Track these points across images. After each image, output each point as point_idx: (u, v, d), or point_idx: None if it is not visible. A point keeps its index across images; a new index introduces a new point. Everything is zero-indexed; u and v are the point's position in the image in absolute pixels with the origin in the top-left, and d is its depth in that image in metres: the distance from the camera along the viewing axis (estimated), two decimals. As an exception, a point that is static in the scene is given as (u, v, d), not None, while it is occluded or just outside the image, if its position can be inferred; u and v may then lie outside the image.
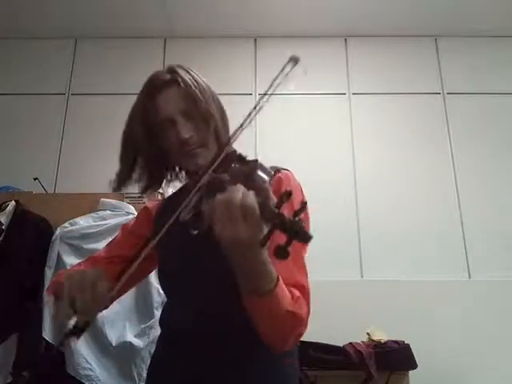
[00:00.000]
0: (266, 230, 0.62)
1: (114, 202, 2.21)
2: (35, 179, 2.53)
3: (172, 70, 1.01)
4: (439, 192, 3.01)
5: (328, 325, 2.43)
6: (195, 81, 0.99)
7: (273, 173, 0.78)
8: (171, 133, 0.93)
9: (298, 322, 0.77)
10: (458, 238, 2.90)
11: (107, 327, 1.94)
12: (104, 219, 2.15)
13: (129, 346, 1.92)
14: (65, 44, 3.42)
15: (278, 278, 0.73)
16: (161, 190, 2.42)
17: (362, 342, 2.34)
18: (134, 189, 2.67)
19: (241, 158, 0.80)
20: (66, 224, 2.12)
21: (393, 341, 2.32)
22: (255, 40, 3.41)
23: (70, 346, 1.89)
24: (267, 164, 0.77)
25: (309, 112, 3.19)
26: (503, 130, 3.15)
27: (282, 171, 0.99)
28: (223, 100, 1.10)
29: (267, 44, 3.39)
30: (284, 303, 0.74)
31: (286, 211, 0.62)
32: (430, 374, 2.40)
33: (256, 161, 0.76)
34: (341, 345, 2.28)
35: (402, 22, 3.25)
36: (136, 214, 2.17)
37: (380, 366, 2.18)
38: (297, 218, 0.60)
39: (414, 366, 2.23)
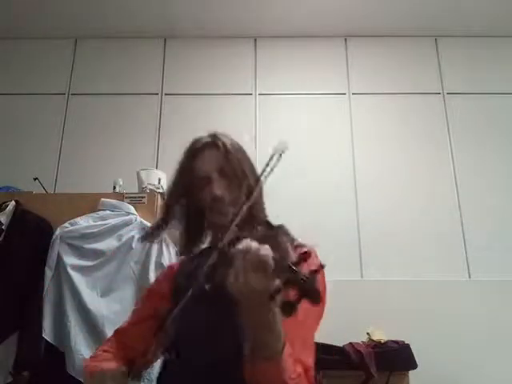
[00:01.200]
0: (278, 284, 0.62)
1: (114, 201, 2.20)
2: (35, 179, 2.52)
3: (213, 135, 1.04)
4: (439, 192, 3.01)
5: (328, 325, 2.43)
6: (232, 144, 1.03)
7: (295, 240, 0.79)
8: (206, 191, 0.97)
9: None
10: (458, 238, 2.90)
11: (107, 327, 1.94)
12: (104, 219, 2.15)
13: (129, 346, 1.92)
14: (65, 44, 3.42)
15: (285, 343, 0.72)
16: (161, 190, 2.42)
17: (362, 341, 2.34)
18: (133, 189, 2.66)
19: (267, 223, 0.81)
20: (66, 224, 2.12)
21: (393, 341, 2.32)
22: (255, 40, 3.41)
23: (70, 346, 1.90)
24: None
25: (309, 112, 3.19)
26: (503, 129, 3.15)
27: (308, 247, 0.95)
28: (223, 100, 1.12)
29: (267, 44, 3.39)
30: (285, 376, 0.73)
31: (302, 270, 0.61)
32: (429, 373, 2.40)
33: (281, 226, 0.76)
34: (341, 345, 2.28)
35: (402, 22, 3.25)
36: (136, 213, 2.18)
37: (380, 366, 2.18)
38: (311, 277, 0.59)
39: (414, 366, 2.23)
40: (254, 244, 0.64)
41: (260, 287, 0.63)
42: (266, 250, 0.64)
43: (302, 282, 0.59)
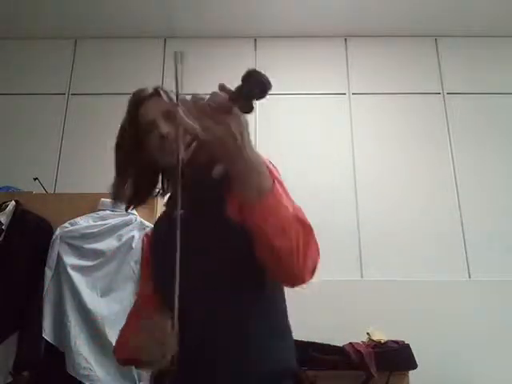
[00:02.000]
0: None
1: (114, 201, 2.20)
2: (35, 179, 2.53)
3: (155, 88, 1.09)
4: (439, 192, 3.01)
5: (328, 325, 2.43)
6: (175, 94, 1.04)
7: None
8: (153, 135, 1.00)
9: (307, 228, 0.77)
10: (458, 238, 2.90)
11: (107, 327, 1.94)
12: (104, 219, 2.15)
13: (129, 345, 1.92)
14: (65, 44, 3.42)
15: (274, 181, 0.75)
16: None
17: (362, 341, 2.33)
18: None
19: None
20: (66, 224, 2.12)
21: (393, 341, 2.32)
22: (255, 40, 3.41)
23: (70, 346, 1.90)
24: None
25: (309, 112, 3.19)
26: (503, 129, 3.15)
27: None
28: None
29: (267, 44, 3.39)
30: (287, 207, 0.75)
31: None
32: (429, 373, 2.40)
33: None
34: (341, 345, 2.28)
35: (402, 22, 3.25)
36: (136, 213, 2.18)
37: (380, 366, 2.18)
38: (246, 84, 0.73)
39: (414, 366, 2.23)
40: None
41: (225, 120, 0.70)
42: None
43: (240, 89, 0.71)
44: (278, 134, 3.09)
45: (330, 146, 3.12)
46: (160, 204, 2.28)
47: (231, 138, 0.70)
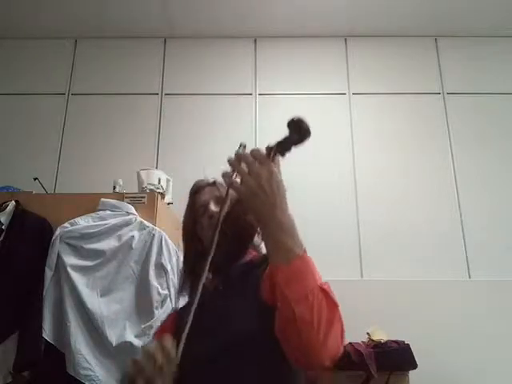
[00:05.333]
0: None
1: (113, 201, 2.20)
2: (35, 179, 2.52)
3: (213, 180, 1.18)
4: (439, 192, 3.01)
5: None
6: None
7: None
8: (204, 217, 1.08)
9: (332, 303, 0.74)
10: (458, 238, 2.90)
11: (107, 327, 1.94)
12: (104, 219, 2.14)
13: (129, 346, 1.92)
14: (65, 44, 3.42)
15: (305, 250, 0.75)
16: (161, 190, 2.42)
17: (362, 341, 2.33)
18: (133, 189, 2.67)
19: None
20: (66, 224, 2.11)
21: (393, 341, 2.32)
22: (255, 40, 3.41)
23: (70, 346, 1.89)
24: None
25: (309, 112, 3.18)
26: (503, 129, 3.15)
27: None
28: (223, 100, 1.16)
29: (267, 44, 3.39)
30: (315, 278, 0.74)
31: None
32: (429, 373, 2.40)
33: None
34: (341, 345, 2.28)
35: (402, 22, 3.25)
36: (136, 214, 2.18)
37: (380, 366, 2.18)
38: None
39: (414, 365, 2.23)
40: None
41: (257, 170, 0.74)
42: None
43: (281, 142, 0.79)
44: (278, 134, 3.08)
45: (330, 146, 3.12)
46: (160, 204, 2.29)
47: (262, 191, 0.73)
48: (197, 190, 1.17)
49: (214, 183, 1.15)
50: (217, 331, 0.90)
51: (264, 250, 0.90)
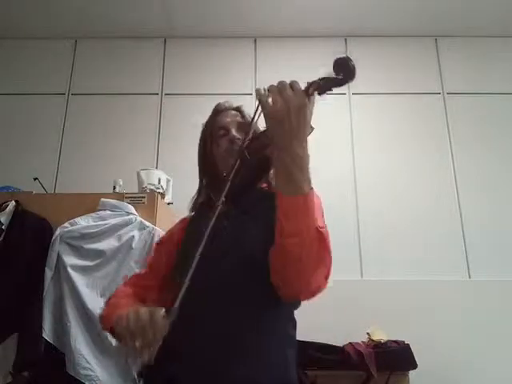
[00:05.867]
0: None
1: (114, 201, 2.20)
2: (35, 179, 2.52)
3: (238, 106, 1.18)
4: (439, 192, 3.01)
5: (328, 325, 2.43)
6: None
7: None
8: (224, 139, 1.09)
9: (325, 247, 0.77)
10: (458, 238, 2.90)
11: (107, 327, 1.94)
12: (104, 219, 2.14)
13: (129, 345, 1.92)
14: (65, 44, 3.42)
15: (312, 189, 0.77)
16: (161, 190, 2.42)
17: (362, 342, 2.34)
18: (133, 189, 2.66)
19: None
20: (66, 224, 2.11)
21: (393, 341, 2.32)
22: (255, 40, 3.41)
23: (70, 346, 1.90)
24: None
25: (309, 112, 3.19)
26: (503, 129, 3.15)
27: None
28: (223, 100, 1.17)
29: (267, 44, 3.39)
30: (314, 219, 0.76)
31: None
32: (429, 373, 2.40)
33: None
34: (341, 345, 2.28)
35: (402, 22, 3.25)
36: (136, 214, 2.18)
37: (380, 366, 2.18)
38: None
39: (414, 365, 2.23)
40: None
41: (290, 98, 0.74)
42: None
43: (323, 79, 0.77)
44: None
45: (330, 146, 3.12)
46: (160, 204, 2.29)
47: (287, 118, 0.73)
48: (219, 111, 1.15)
49: (238, 109, 1.15)
50: (229, 253, 0.91)
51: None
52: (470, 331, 2.63)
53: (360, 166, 3.07)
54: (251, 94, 3.25)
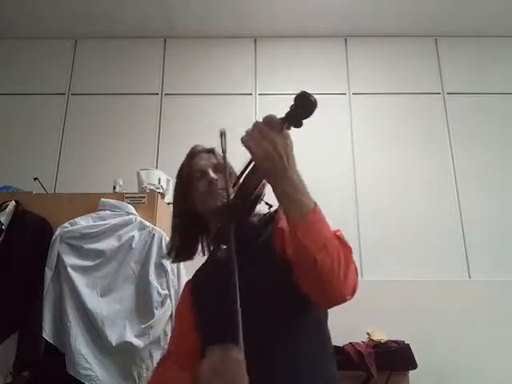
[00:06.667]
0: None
1: (114, 201, 2.20)
2: (35, 179, 2.52)
3: (210, 148, 1.21)
4: (439, 192, 3.01)
5: (328, 325, 2.43)
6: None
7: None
8: (202, 182, 1.12)
9: (348, 248, 0.84)
10: (458, 238, 2.90)
11: (107, 327, 1.94)
12: (104, 219, 2.15)
13: (129, 346, 1.92)
14: (65, 44, 3.42)
15: (316, 204, 0.83)
16: (161, 190, 2.42)
17: (362, 342, 2.34)
18: (133, 189, 2.66)
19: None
20: (66, 224, 2.11)
21: (393, 341, 2.32)
22: (255, 40, 3.41)
23: (70, 346, 1.90)
24: None
25: (309, 112, 3.19)
26: (503, 129, 3.15)
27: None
28: (223, 100, 1.18)
29: (267, 44, 3.39)
30: (329, 228, 0.83)
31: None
32: (429, 374, 2.40)
33: None
34: (341, 345, 2.28)
35: (402, 22, 3.25)
36: (136, 214, 2.18)
37: (380, 366, 2.18)
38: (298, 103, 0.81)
39: (414, 365, 2.23)
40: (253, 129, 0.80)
41: (273, 137, 0.78)
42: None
43: (294, 108, 0.81)
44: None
45: (329, 146, 3.12)
46: (160, 204, 2.29)
47: (277, 155, 0.78)
48: (194, 155, 1.20)
49: (212, 151, 1.19)
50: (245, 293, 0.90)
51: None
52: (470, 331, 2.63)
53: (360, 165, 3.07)
54: (251, 94, 3.26)
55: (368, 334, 2.36)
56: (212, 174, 1.12)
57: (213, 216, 1.08)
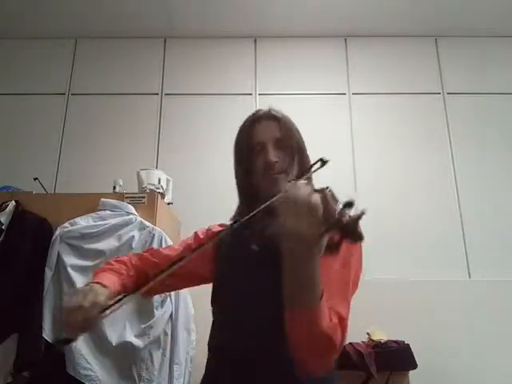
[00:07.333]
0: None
1: (114, 201, 2.20)
2: (35, 179, 2.53)
3: (271, 109, 1.11)
4: (439, 192, 3.01)
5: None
6: (288, 120, 1.11)
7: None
8: (260, 156, 1.02)
9: (332, 347, 0.77)
10: (458, 238, 2.90)
11: (107, 327, 1.94)
12: (104, 219, 2.14)
13: (129, 345, 1.92)
14: (65, 44, 3.42)
15: (323, 293, 0.75)
16: (161, 190, 2.42)
17: (362, 342, 2.34)
18: (133, 189, 2.66)
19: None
20: (66, 224, 2.11)
21: (393, 341, 2.32)
22: (255, 40, 3.41)
23: (70, 346, 1.89)
24: None
25: (309, 112, 3.19)
26: (503, 129, 3.15)
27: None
28: (223, 100, 1.15)
29: (267, 44, 3.39)
30: (323, 323, 0.75)
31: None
32: (430, 373, 2.40)
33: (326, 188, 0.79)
34: (341, 345, 2.28)
35: (402, 21, 3.25)
36: (136, 214, 2.18)
37: (380, 366, 2.18)
38: (352, 220, 0.67)
39: (414, 365, 2.23)
40: (305, 191, 0.69)
41: (310, 231, 0.66)
42: (316, 198, 0.68)
43: (344, 224, 0.67)
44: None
45: (329, 146, 3.12)
46: (160, 204, 2.29)
47: (306, 244, 0.68)
48: (257, 119, 1.08)
49: (278, 119, 1.07)
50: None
51: None
52: (470, 331, 2.63)
53: (360, 165, 3.07)
54: (251, 94, 3.26)
55: (368, 334, 2.36)
56: (271, 156, 0.99)
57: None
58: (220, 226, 1.16)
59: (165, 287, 1.17)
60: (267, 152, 1.01)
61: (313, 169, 0.90)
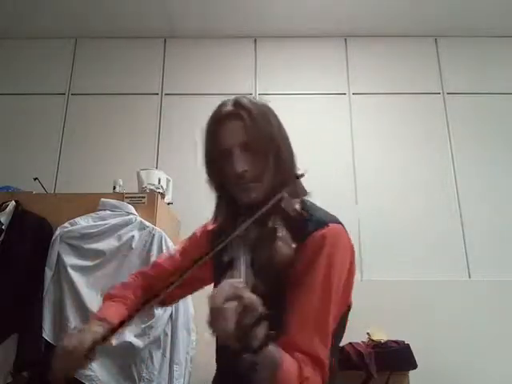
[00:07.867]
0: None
1: (114, 201, 2.20)
2: (35, 179, 2.52)
3: (236, 103, 0.95)
4: (439, 192, 3.01)
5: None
6: (257, 111, 0.94)
7: (313, 229, 0.91)
8: (229, 163, 0.92)
9: None
10: (458, 238, 2.90)
11: (107, 327, 1.93)
12: (104, 219, 2.14)
13: (129, 345, 1.92)
14: (65, 44, 3.42)
15: (281, 359, 0.73)
16: (161, 190, 2.42)
17: (362, 342, 2.34)
18: (133, 189, 2.66)
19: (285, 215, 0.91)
20: (66, 224, 2.11)
21: (393, 341, 2.32)
22: (255, 40, 3.41)
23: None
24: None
25: (309, 112, 3.19)
26: (503, 129, 3.15)
27: (331, 225, 0.99)
28: (223, 100, 1.08)
29: (267, 44, 3.39)
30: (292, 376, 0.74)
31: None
32: (430, 373, 2.40)
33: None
34: (341, 345, 2.28)
35: (402, 21, 3.25)
36: (136, 214, 2.18)
37: (380, 366, 2.18)
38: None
39: (414, 365, 2.23)
40: (222, 296, 0.68)
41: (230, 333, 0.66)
42: (230, 305, 0.67)
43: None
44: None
45: (329, 146, 3.12)
46: (160, 204, 2.29)
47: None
48: (220, 120, 0.94)
49: (243, 118, 0.92)
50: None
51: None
52: (470, 331, 2.63)
53: (360, 165, 3.07)
54: (251, 94, 3.26)
55: (368, 333, 2.36)
56: (237, 166, 0.90)
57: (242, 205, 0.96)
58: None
59: (172, 299, 1.19)
60: (233, 162, 0.91)
61: (269, 204, 0.85)
